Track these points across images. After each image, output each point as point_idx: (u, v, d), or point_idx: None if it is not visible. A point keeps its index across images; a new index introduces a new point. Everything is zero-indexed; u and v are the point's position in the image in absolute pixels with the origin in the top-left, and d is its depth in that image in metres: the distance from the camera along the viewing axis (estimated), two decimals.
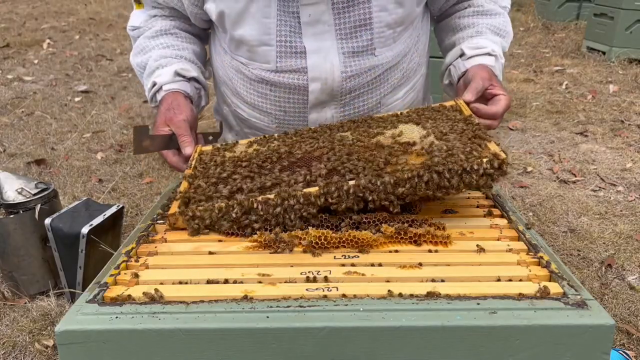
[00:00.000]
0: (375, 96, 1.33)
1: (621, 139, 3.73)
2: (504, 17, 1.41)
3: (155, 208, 1.12)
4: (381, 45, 1.28)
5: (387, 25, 1.26)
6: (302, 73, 1.26)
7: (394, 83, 1.35)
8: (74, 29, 7.02)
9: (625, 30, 5.38)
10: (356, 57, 1.27)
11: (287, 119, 1.34)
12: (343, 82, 1.27)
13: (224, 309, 0.75)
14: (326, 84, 1.27)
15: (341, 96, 1.30)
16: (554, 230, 2.66)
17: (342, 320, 0.73)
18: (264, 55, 1.26)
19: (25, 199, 2.05)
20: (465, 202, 1.15)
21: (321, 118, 1.32)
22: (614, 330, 0.73)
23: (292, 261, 0.90)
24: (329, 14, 1.22)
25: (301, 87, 1.28)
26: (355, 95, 1.31)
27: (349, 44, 1.25)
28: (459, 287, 0.80)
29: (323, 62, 1.25)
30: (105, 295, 0.80)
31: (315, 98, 1.29)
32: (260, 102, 1.34)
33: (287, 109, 1.32)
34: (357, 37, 1.25)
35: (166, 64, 1.34)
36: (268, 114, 1.35)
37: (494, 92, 1.22)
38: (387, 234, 0.95)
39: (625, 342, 1.90)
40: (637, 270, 2.33)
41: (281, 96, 1.31)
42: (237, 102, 1.41)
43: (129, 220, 2.72)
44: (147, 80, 1.36)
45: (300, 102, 1.31)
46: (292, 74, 1.27)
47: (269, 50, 1.25)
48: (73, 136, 3.80)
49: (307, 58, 1.25)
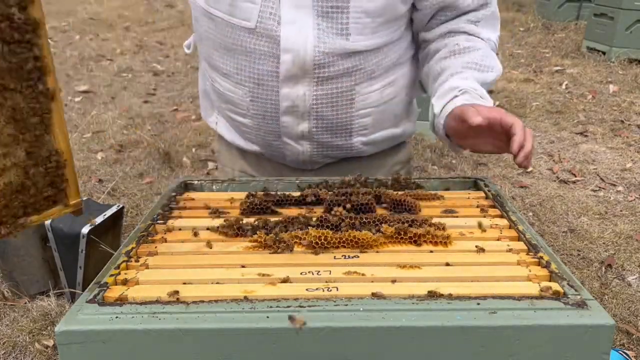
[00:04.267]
0: (349, 81, 1.32)
1: (621, 139, 3.73)
2: (485, 50, 1.32)
3: (155, 208, 1.12)
4: (357, 32, 1.26)
5: (364, 12, 1.24)
6: (276, 42, 1.25)
7: (369, 72, 1.33)
8: (74, 29, 7.02)
9: (625, 30, 5.38)
10: (330, 37, 1.25)
11: (260, 92, 1.33)
12: (315, 56, 1.25)
13: (224, 309, 0.75)
14: (298, 56, 1.25)
15: (314, 73, 1.28)
16: (554, 230, 2.66)
17: (342, 320, 0.73)
18: (246, 11, 1.25)
19: None
20: (465, 202, 1.15)
21: (292, 94, 1.30)
22: (614, 330, 0.73)
23: (292, 261, 0.90)
24: None
25: (274, 56, 1.27)
26: (329, 75, 1.29)
27: (325, 22, 1.24)
28: (459, 287, 0.80)
29: (297, 34, 1.24)
30: (105, 295, 0.80)
31: (287, 70, 1.27)
32: (235, 73, 1.33)
33: (260, 80, 1.31)
34: (333, 18, 1.24)
35: None
36: (242, 86, 1.34)
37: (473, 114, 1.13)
38: (387, 234, 0.95)
39: (625, 342, 1.90)
40: (637, 270, 2.33)
41: (255, 67, 1.30)
42: (214, 75, 1.40)
43: (129, 220, 2.73)
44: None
45: (272, 74, 1.29)
46: (266, 40, 1.26)
47: (252, 8, 1.24)
48: (73, 136, 3.81)
49: (281, 27, 1.24)
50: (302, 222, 1.01)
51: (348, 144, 1.41)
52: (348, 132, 1.39)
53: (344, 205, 1.06)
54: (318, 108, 1.32)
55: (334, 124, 1.36)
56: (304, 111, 1.32)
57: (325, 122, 1.35)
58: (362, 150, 1.45)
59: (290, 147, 1.39)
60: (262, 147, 1.44)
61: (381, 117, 1.41)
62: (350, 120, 1.36)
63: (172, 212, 1.11)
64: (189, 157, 3.60)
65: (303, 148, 1.39)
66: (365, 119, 1.38)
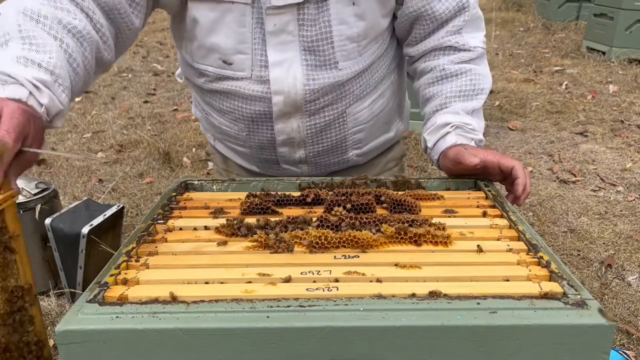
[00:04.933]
0: (340, 107, 1.32)
1: (621, 139, 3.73)
2: (474, 70, 1.31)
3: (155, 208, 1.12)
4: (344, 59, 1.26)
5: (348, 38, 1.23)
6: (266, 84, 1.25)
7: (358, 93, 1.33)
8: None
9: (625, 30, 5.38)
10: (319, 70, 1.25)
11: (255, 128, 1.35)
12: (306, 94, 1.26)
13: (224, 308, 0.75)
14: (289, 97, 1.26)
15: (305, 108, 1.29)
16: (554, 230, 2.66)
17: (342, 320, 0.73)
18: (239, 63, 1.25)
19: (25, 199, 2.05)
20: (465, 202, 1.15)
21: (287, 129, 1.32)
22: (614, 330, 0.73)
23: (292, 261, 0.90)
24: (293, 24, 1.20)
25: (265, 99, 1.27)
26: (320, 107, 1.30)
27: (312, 56, 1.24)
28: (459, 287, 0.80)
29: (286, 76, 1.24)
30: (105, 295, 0.80)
31: (279, 110, 1.28)
32: (229, 111, 1.35)
33: (255, 119, 1.32)
34: (319, 51, 1.23)
35: (62, 86, 0.98)
36: (237, 122, 1.35)
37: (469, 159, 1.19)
38: (387, 234, 0.95)
39: (625, 342, 1.90)
40: (637, 270, 2.33)
41: (247, 108, 1.31)
42: (209, 110, 1.41)
43: (129, 220, 2.73)
44: (31, 64, 0.94)
45: (265, 113, 1.30)
46: (259, 84, 1.26)
47: (244, 59, 1.24)
48: (73, 136, 3.81)
49: (269, 70, 1.23)
50: (302, 222, 1.01)
51: (344, 159, 1.44)
52: (343, 150, 1.41)
53: (344, 205, 1.06)
54: (313, 136, 1.35)
55: (330, 147, 1.39)
56: (299, 141, 1.35)
57: (321, 146, 1.38)
58: (358, 161, 1.47)
59: (289, 171, 1.43)
60: (261, 169, 1.47)
61: (373, 129, 1.43)
62: (344, 139, 1.39)
63: (172, 212, 1.11)
64: (189, 157, 3.60)
65: (301, 170, 1.43)
66: (358, 134, 1.40)
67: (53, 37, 0.99)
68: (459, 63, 1.31)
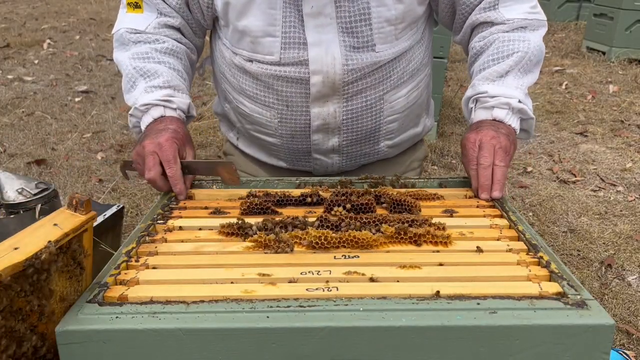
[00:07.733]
0: (377, 92, 1.33)
1: (621, 139, 3.73)
2: (499, 40, 1.28)
3: (155, 208, 1.12)
4: (382, 42, 1.27)
5: (386, 20, 1.25)
6: (304, 65, 1.26)
7: (395, 80, 1.34)
8: (74, 29, 7.02)
9: (625, 30, 5.38)
10: (357, 51, 1.26)
11: (289, 114, 1.34)
12: (344, 75, 1.26)
13: (224, 309, 0.75)
14: (327, 77, 1.26)
15: (343, 90, 1.29)
16: (554, 230, 2.66)
17: (342, 320, 0.73)
18: (268, 47, 1.26)
19: (25, 199, 2.05)
20: (465, 202, 1.15)
21: (324, 112, 1.32)
22: (614, 330, 0.73)
23: (292, 261, 0.90)
24: (331, 6, 1.21)
25: (303, 80, 1.28)
26: (357, 90, 1.30)
27: (350, 38, 1.25)
28: (459, 287, 0.80)
29: (324, 55, 1.25)
30: (105, 295, 0.80)
31: (317, 91, 1.28)
32: (263, 96, 1.34)
33: (290, 102, 1.32)
34: (357, 32, 1.25)
35: (180, 90, 1.32)
36: (271, 108, 1.35)
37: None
38: (387, 234, 0.95)
39: (625, 342, 1.90)
40: (637, 270, 2.33)
41: (283, 90, 1.30)
42: (240, 98, 1.40)
43: (129, 220, 2.73)
44: (155, 89, 1.29)
45: (302, 95, 1.30)
46: (294, 66, 1.26)
47: (273, 42, 1.25)
48: (73, 136, 3.81)
49: (308, 50, 1.24)
50: (302, 222, 1.01)
51: (375, 150, 1.44)
52: (376, 139, 1.41)
53: (344, 205, 1.06)
54: (348, 122, 1.35)
55: (363, 134, 1.39)
56: (334, 127, 1.35)
57: (355, 134, 1.37)
58: (387, 153, 1.47)
59: (319, 162, 1.42)
60: (288, 163, 1.47)
61: (406, 120, 1.44)
62: (378, 128, 1.39)
63: (172, 212, 1.11)
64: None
65: (332, 161, 1.42)
66: (392, 124, 1.40)
67: (158, 62, 1.32)
68: (488, 37, 1.31)
